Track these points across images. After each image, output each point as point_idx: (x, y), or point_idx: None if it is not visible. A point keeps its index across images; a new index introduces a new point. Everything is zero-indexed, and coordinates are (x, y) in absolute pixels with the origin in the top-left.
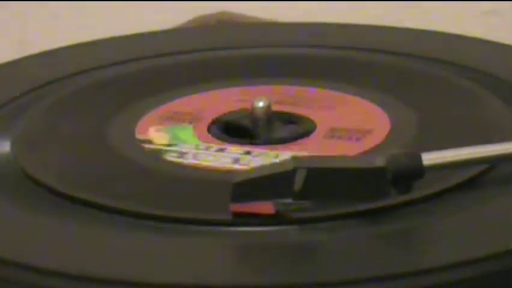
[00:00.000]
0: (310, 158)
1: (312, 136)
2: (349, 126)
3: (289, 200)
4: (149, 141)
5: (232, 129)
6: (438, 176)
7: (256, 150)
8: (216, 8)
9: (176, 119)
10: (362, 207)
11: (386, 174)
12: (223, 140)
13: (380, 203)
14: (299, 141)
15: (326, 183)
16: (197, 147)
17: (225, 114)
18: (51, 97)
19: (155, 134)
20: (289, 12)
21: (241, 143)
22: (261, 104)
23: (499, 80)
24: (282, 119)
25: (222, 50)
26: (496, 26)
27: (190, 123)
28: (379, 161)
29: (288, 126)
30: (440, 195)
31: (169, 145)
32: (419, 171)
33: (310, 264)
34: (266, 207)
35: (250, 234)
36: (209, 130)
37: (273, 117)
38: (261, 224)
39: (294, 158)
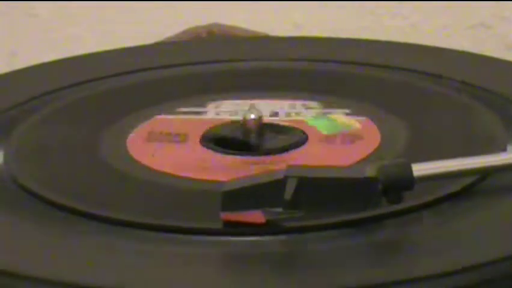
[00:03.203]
0: (302, 167)
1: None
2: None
3: (279, 209)
4: None
5: (225, 142)
6: (428, 186)
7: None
8: (207, 19)
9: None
10: (352, 217)
11: (377, 185)
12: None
13: (370, 213)
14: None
15: (317, 192)
16: None
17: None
18: (44, 109)
19: None
20: (279, 26)
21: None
22: (252, 116)
23: (488, 92)
24: (273, 131)
25: (213, 63)
26: (484, 39)
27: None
28: (369, 171)
29: (282, 136)
30: (430, 206)
31: None
32: (409, 182)
33: (299, 273)
34: (256, 216)
35: (239, 243)
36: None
37: (265, 129)
38: (251, 233)
39: (285, 167)
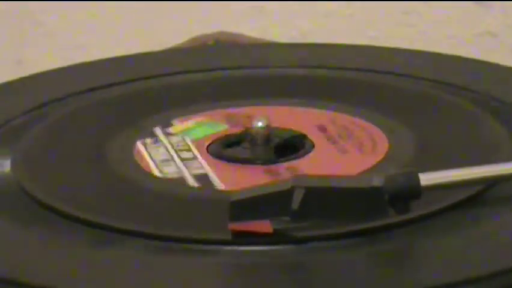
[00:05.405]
0: (309, 177)
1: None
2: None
3: (287, 219)
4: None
5: (233, 151)
6: (435, 195)
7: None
8: (213, 27)
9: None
10: (359, 226)
11: (384, 194)
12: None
13: (377, 223)
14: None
15: (324, 202)
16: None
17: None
18: (52, 117)
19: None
20: (285, 33)
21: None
22: (260, 124)
23: (496, 100)
24: (281, 138)
25: (219, 71)
26: (491, 48)
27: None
28: (377, 181)
29: (289, 144)
30: (438, 215)
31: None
32: (416, 192)
33: (307, 283)
34: (264, 225)
35: (248, 253)
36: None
37: (272, 137)
38: (258, 243)
39: (292, 176)
